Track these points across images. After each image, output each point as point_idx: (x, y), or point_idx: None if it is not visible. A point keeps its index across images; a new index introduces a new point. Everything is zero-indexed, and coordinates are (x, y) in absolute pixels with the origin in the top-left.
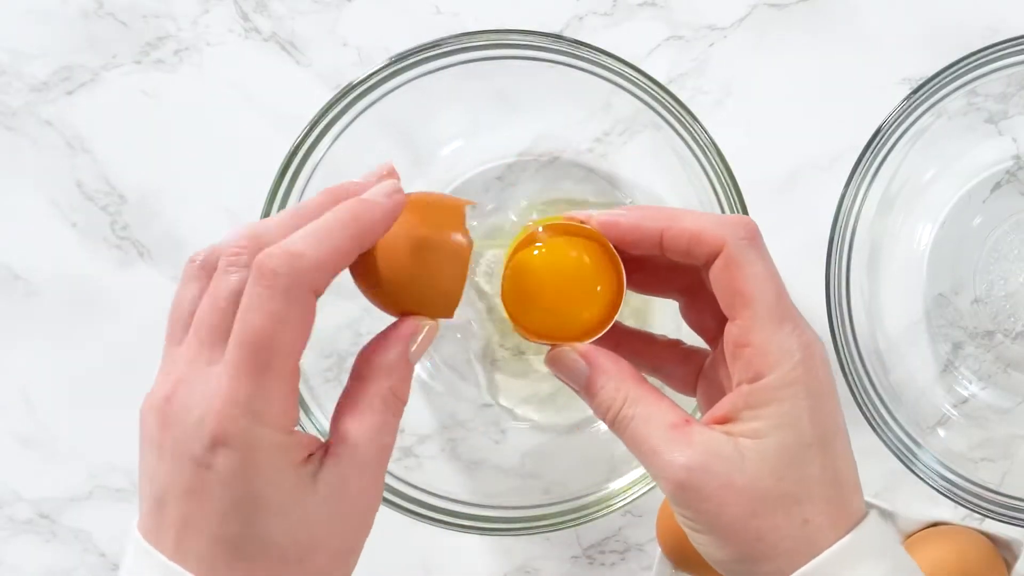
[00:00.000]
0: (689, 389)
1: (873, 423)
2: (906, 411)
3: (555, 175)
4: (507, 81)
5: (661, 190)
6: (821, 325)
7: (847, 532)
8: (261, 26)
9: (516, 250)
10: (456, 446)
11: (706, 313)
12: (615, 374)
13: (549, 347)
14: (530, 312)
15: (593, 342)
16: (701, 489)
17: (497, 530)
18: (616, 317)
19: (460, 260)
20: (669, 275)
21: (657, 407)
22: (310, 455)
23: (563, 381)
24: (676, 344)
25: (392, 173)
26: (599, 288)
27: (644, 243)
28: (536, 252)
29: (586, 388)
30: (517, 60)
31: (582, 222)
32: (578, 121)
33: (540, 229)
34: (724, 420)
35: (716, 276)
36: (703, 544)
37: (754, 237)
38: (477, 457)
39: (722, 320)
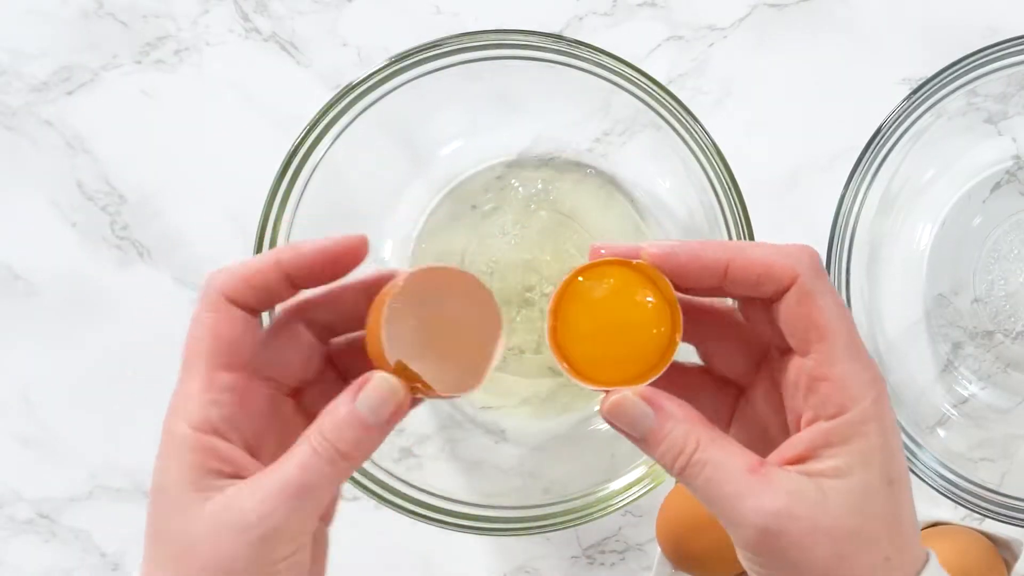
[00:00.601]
0: (721, 424)
1: None
2: (906, 411)
3: (554, 174)
4: (507, 81)
5: (661, 190)
6: None
7: (919, 570)
8: (261, 26)
9: (566, 288)
10: (456, 446)
11: (736, 355)
12: (683, 418)
13: (603, 391)
14: (583, 353)
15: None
16: (786, 534)
17: (497, 530)
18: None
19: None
20: (696, 320)
21: (731, 451)
22: (232, 472)
23: (618, 428)
24: (706, 371)
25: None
26: (658, 327)
27: (705, 276)
28: (589, 289)
29: (651, 434)
30: (517, 60)
31: (632, 257)
32: (578, 121)
33: (589, 265)
34: (799, 460)
35: (788, 310)
36: None
37: (821, 268)
38: (477, 457)
39: (754, 361)
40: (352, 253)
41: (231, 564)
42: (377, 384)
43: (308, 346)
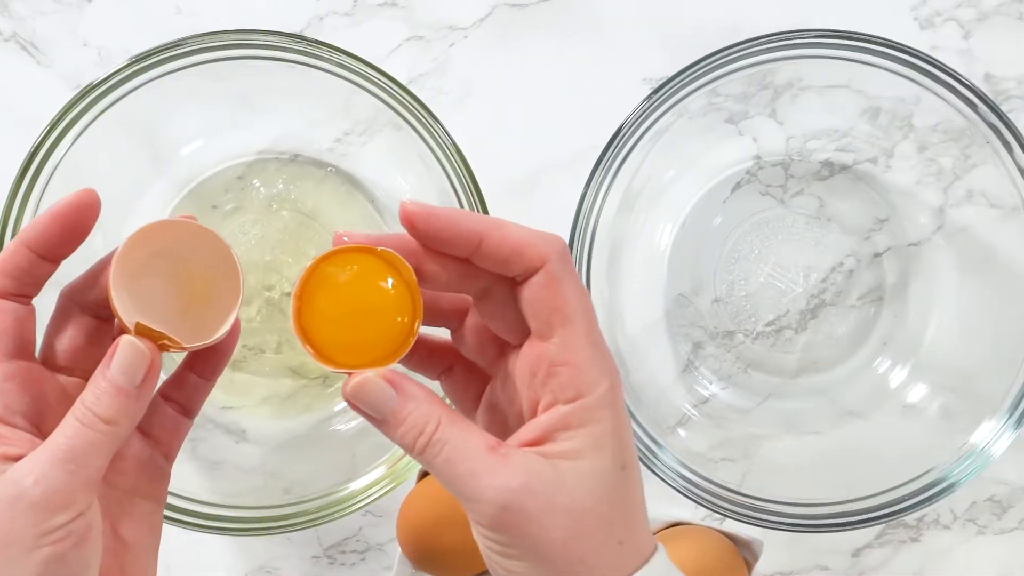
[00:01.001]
0: (469, 405)
1: None
2: (647, 411)
3: (295, 174)
4: (248, 81)
5: (402, 190)
6: None
7: (648, 557)
8: (2, 26)
9: (311, 273)
10: (196, 446)
11: (486, 340)
12: (424, 399)
13: (345, 374)
14: (327, 337)
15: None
16: (524, 511)
17: (237, 530)
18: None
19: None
20: (447, 303)
21: (470, 431)
22: (19, 454)
23: (360, 411)
24: (453, 349)
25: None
26: (400, 308)
27: (458, 243)
28: (333, 274)
29: (392, 415)
30: (258, 60)
31: (375, 244)
32: (319, 121)
33: (333, 251)
34: (537, 442)
35: (534, 292)
36: (517, 570)
37: (569, 256)
38: (217, 457)
39: (502, 345)
40: (84, 209)
41: (10, 535)
42: (124, 349)
43: (91, 329)
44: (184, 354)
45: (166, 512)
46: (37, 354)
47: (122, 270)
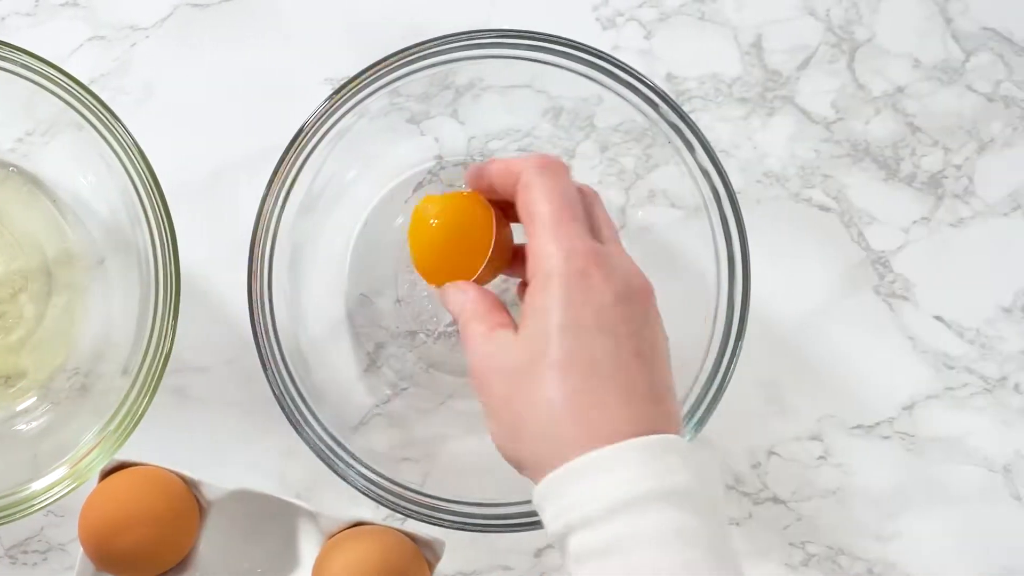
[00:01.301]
0: None
1: (295, 423)
2: (329, 411)
3: None
4: None
5: (84, 190)
6: (243, 327)
7: (604, 434)
8: None
9: (414, 215)
10: None
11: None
12: (464, 294)
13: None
14: (428, 261)
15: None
16: (479, 375)
17: None
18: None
19: None
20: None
21: (483, 319)
22: None
23: (448, 307)
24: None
25: None
26: (477, 241)
27: (480, 184)
28: (429, 217)
29: (451, 303)
30: None
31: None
32: (0, 121)
33: (428, 198)
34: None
35: (517, 202)
36: (491, 431)
37: (547, 165)
38: None
39: None
40: None
41: None
42: None
43: None
44: None
45: None
46: None
47: None
